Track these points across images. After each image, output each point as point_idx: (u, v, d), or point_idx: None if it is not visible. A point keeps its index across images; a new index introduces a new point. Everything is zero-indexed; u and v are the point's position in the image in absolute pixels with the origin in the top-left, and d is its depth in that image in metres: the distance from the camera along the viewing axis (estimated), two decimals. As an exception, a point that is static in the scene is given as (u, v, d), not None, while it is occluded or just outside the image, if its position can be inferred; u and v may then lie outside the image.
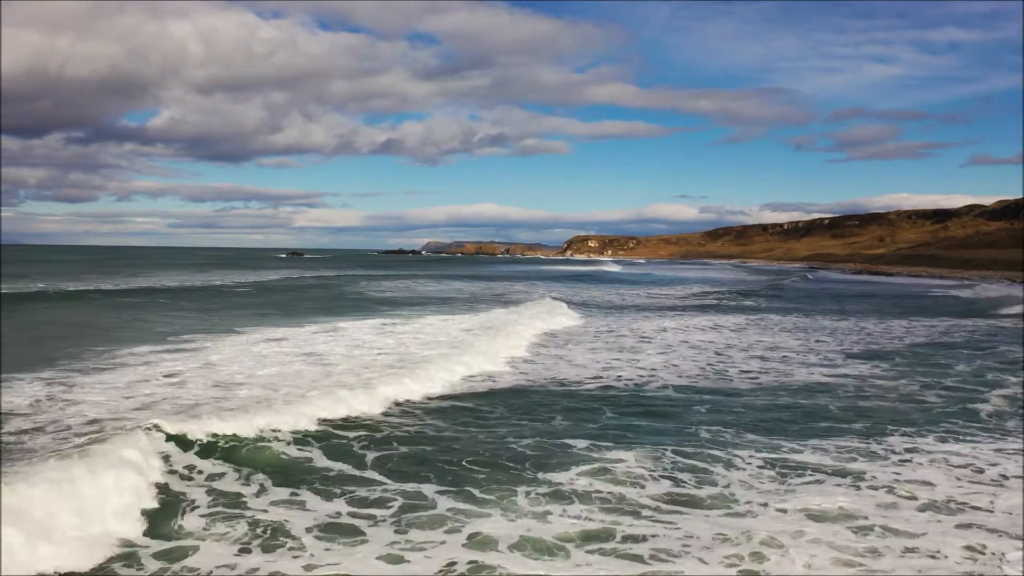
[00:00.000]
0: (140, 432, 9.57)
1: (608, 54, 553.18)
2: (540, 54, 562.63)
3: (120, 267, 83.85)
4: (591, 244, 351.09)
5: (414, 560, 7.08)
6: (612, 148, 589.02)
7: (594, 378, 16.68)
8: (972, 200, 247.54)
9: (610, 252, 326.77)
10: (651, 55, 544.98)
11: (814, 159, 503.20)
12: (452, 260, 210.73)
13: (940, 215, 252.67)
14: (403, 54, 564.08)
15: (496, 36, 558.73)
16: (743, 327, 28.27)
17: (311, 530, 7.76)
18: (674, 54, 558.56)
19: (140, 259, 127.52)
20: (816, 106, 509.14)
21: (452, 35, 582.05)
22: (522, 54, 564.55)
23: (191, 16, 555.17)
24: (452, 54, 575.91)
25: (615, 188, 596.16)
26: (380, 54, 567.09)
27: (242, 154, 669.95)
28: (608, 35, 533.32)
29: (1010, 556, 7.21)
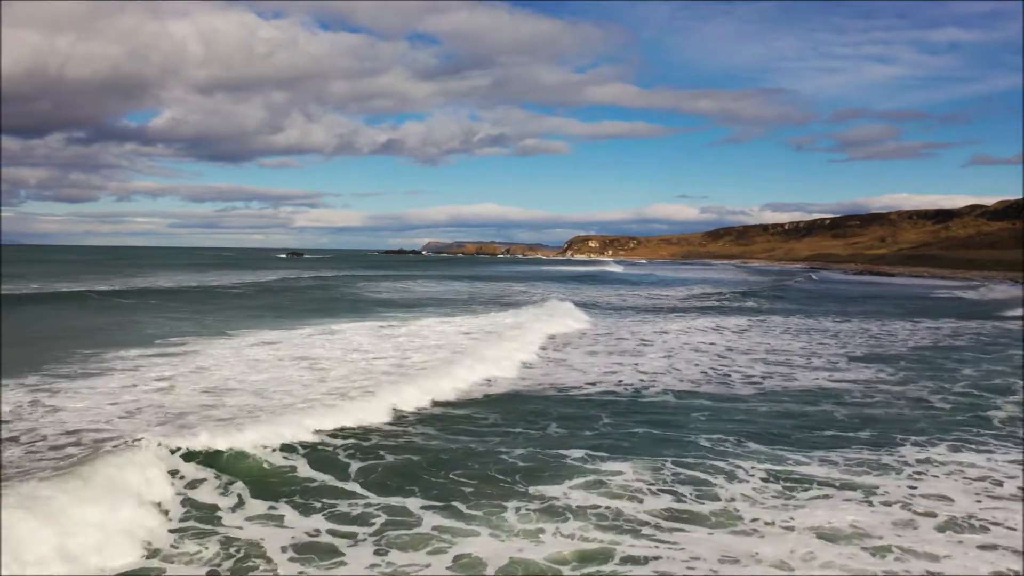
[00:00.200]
0: (119, 453, 9.07)
1: (608, 54, 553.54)
2: (540, 54, 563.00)
3: (118, 267, 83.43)
4: (591, 244, 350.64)
5: (395, 584, 6.62)
6: (612, 148, 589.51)
7: (593, 383, 16.22)
8: (973, 200, 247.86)
9: (610, 252, 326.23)
10: (651, 55, 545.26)
11: (815, 159, 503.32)
12: (452, 260, 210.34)
13: (941, 215, 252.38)
14: (403, 54, 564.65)
15: (496, 36, 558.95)
16: (746, 329, 27.84)
17: (286, 550, 7.31)
18: (674, 54, 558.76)
19: (139, 259, 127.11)
20: (816, 106, 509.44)
21: (452, 35, 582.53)
22: (522, 54, 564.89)
23: (191, 16, 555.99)
24: (452, 54, 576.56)
25: (615, 188, 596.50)
26: (380, 54, 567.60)
27: (243, 154, 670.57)
28: (608, 35, 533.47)
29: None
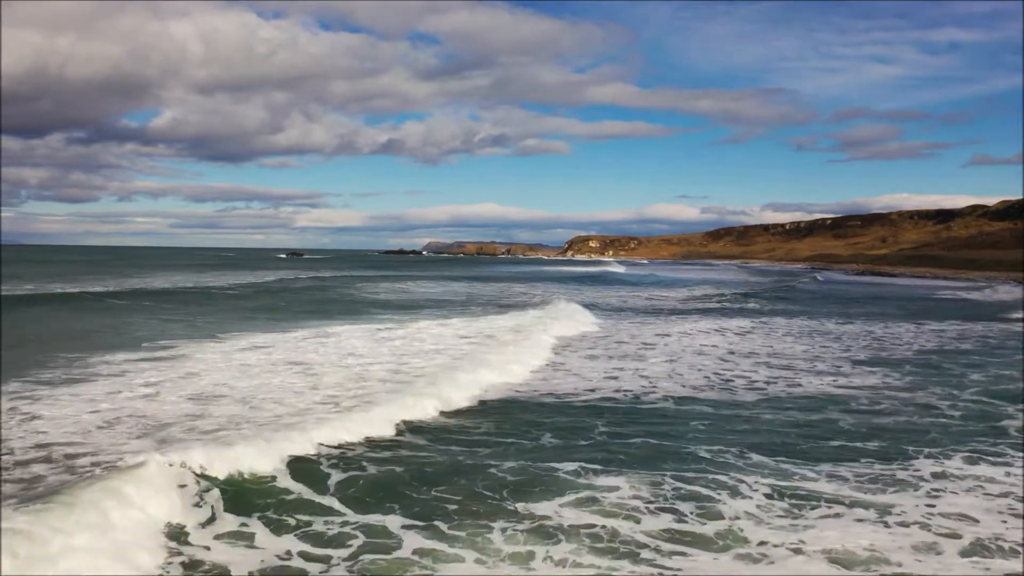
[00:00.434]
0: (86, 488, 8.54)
1: (609, 54, 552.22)
2: (541, 54, 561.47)
3: (117, 268, 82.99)
4: (592, 244, 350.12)
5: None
6: (613, 148, 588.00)
7: (592, 389, 15.69)
8: (974, 200, 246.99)
9: (611, 252, 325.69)
10: (652, 55, 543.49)
11: (815, 159, 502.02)
12: (453, 260, 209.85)
13: (943, 215, 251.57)
14: (404, 54, 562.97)
15: (497, 36, 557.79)
16: (748, 331, 27.37)
17: (253, 576, 6.81)
18: (675, 54, 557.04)
19: (139, 260, 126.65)
20: (817, 106, 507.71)
21: (453, 35, 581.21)
22: (523, 54, 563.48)
23: (192, 16, 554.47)
24: (453, 54, 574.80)
25: (616, 188, 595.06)
26: (381, 54, 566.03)
27: (243, 154, 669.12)
28: (609, 35, 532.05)
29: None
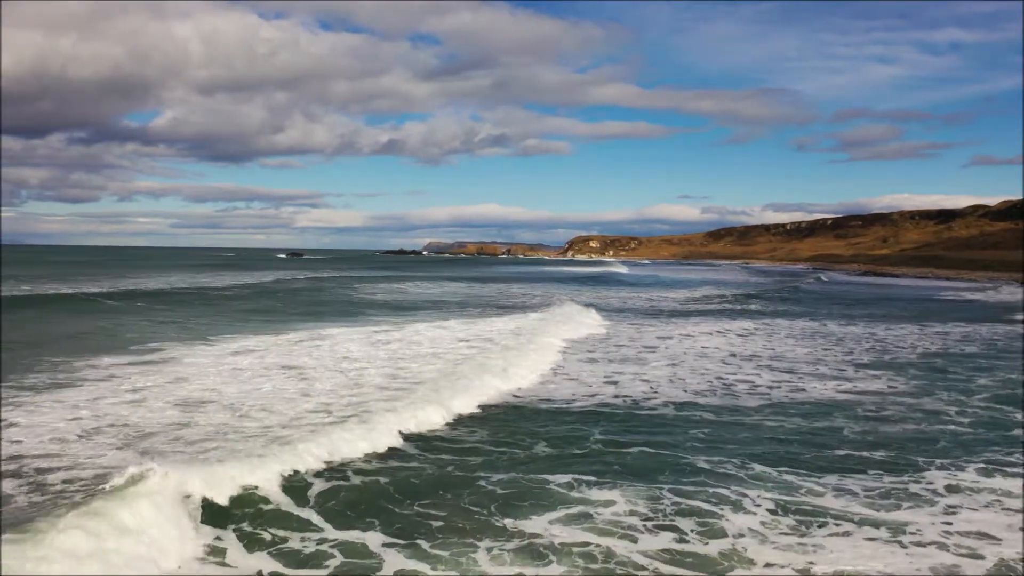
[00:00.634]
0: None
1: (610, 54, 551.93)
2: (542, 54, 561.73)
3: (115, 268, 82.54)
4: (592, 244, 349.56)
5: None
6: (614, 148, 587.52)
7: (590, 395, 15.21)
8: (976, 200, 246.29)
9: (611, 252, 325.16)
10: (653, 55, 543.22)
11: (816, 159, 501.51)
12: (453, 261, 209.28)
13: (944, 215, 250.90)
14: (405, 54, 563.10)
15: (498, 36, 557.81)
16: (752, 333, 26.96)
17: (223, 601, 6.37)
18: (676, 54, 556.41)
19: (138, 260, 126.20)
20: (818, 107, 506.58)
21: (454, 35, 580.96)
22: (524, 54, 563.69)
23: (193, 17, 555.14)
24: (454, 54, 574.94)
25: (617, 189, 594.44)
26: (382, 54, 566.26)
27: (244, 154, 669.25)
28: (610, 35, 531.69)
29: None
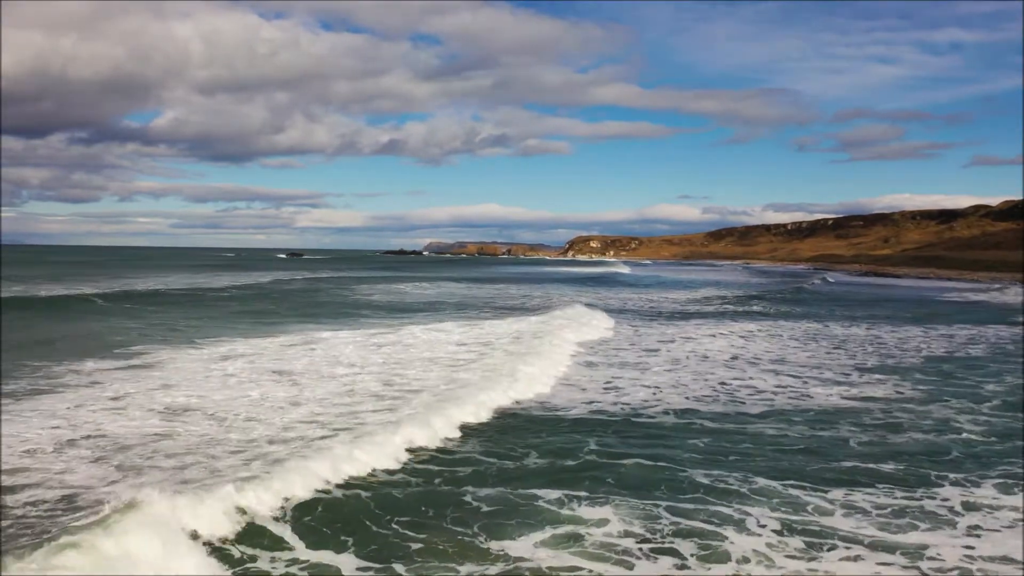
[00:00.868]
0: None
1: (611, 55, 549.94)
2: (543, 54, 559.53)
3: (113, 269, 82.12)
4: (593, 245, 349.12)
5: None
6: (614, 149, 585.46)
7: (587, 401, 14.73)
8: (977, 200, 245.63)
9: (612, 253, 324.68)
10: (654, 56, 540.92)
11: (817, 160, 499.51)
12: (453, 261, 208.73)
13: (945, 215, 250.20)
14: (405, 55, 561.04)
15: (498, 36, 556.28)
16: (754, 335, 26.53)
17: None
18: (677, 55, 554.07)
19: (138, 260, 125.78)
20: (819, 107, 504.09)
21: (454, 35, 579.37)
22: (524, 54, 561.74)
23: (194, 17, 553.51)
24: (454, 55, 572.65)
25: (617, 189, 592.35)
26: (382, 55, 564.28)
27: (245, 154, 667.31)
28: (611, 36, 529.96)
29: None
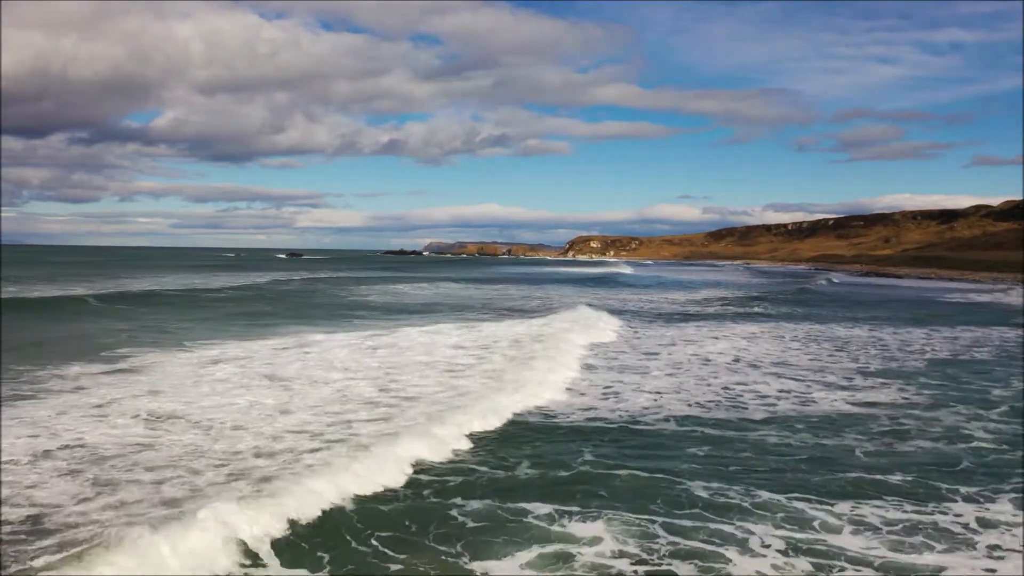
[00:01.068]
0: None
1: (611, 55, 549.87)
2: (543, 55, 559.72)
3: (113, 269, 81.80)
4: (593, 245, 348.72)
5: None
6: (615, 149, 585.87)
7: (584, 408, 14.29)
8: (978, 200, 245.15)
9: (612, 253, 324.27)
10: (654, 56, 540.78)
11: (817, 160, 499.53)
12: (453, 261, 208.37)
13: (946, 216, 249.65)
14: (406, 55, 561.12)
15: (499, 37, 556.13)
16: (756, 336, 26.13)
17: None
18: (677, 55, 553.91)
19: (138, 260, 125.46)
20: (819, 107, 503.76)
21: (455, 36, 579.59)
22: (525, 55, 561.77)
23: (194, 17, 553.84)
24: (455, 55, 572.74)
25: (618, 189, 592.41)
26: (383, 55, 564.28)
27: (245, 154, 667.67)
28: (611, 36, 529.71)
29: None
